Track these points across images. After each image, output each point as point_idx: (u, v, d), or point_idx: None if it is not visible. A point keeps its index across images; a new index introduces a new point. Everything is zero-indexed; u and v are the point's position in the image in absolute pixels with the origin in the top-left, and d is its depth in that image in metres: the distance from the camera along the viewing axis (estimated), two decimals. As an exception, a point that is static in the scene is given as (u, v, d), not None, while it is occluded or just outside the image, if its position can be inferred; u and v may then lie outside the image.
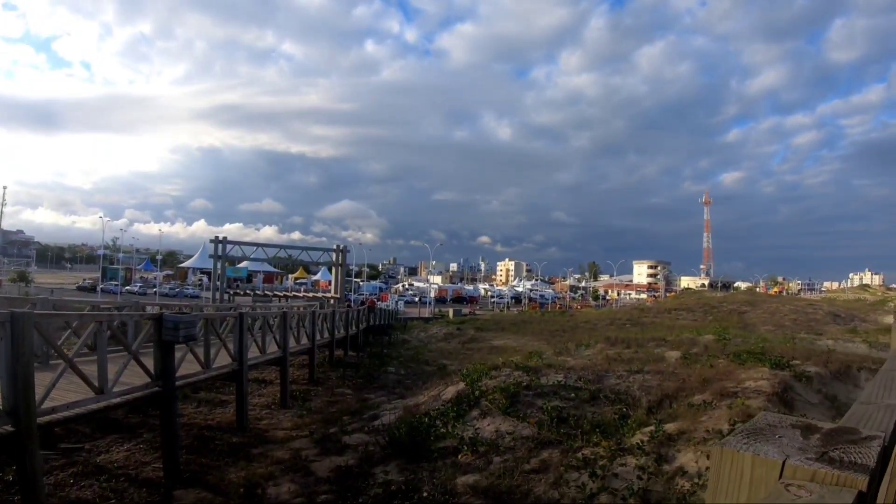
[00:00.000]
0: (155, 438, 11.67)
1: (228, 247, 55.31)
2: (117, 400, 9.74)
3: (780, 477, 1.12)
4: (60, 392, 8.68)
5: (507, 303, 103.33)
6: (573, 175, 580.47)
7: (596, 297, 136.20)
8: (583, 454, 10.52)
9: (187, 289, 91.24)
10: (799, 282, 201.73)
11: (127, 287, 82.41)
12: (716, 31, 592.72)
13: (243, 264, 73.44)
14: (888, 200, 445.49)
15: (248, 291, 62.72)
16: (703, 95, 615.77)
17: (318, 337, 22.80)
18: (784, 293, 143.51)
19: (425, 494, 9.50)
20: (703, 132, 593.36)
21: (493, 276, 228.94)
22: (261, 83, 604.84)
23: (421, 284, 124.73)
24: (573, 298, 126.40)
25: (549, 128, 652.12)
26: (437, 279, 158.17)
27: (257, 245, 62.27)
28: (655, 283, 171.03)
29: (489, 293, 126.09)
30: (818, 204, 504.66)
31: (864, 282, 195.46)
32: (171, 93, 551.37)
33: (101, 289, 76.38)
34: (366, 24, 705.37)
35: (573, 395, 14.64)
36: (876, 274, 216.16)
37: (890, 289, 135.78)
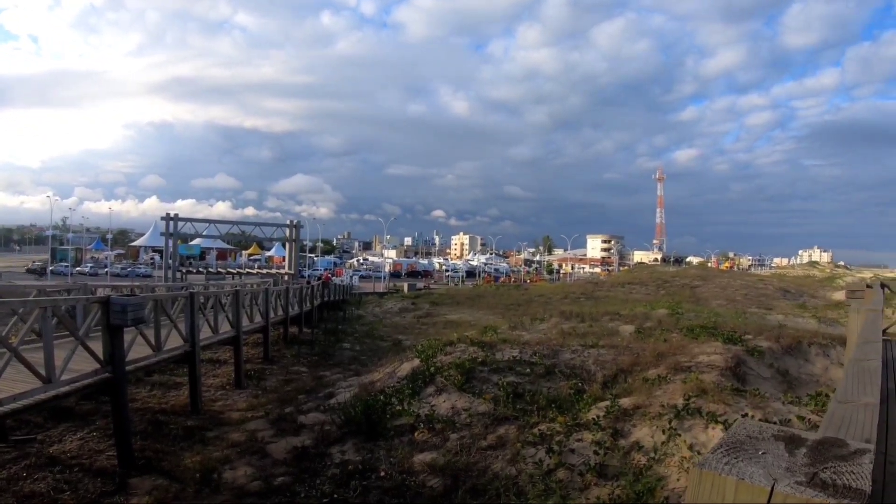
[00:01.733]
0: (108, 426, 11.45)
1: (181, 224, 54.25)
2: (66, 388, 9.52)
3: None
4: (7, 383, 8.45)
5: (462, 277, 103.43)
6: (529, 149, 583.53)
7: (550, 271, 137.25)
8: (539, 430, 10.65)
9: (139, 268, 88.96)
10: (750, 258, 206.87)
11: (78, 268, 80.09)
12: (675, 10, 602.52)
13: (196, 241, 72.49)
14: (838, 181, 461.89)
15: (201, 269, 61.73)
16: (660, 73, 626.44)
17: (272, 314, 22.58)
18: (735, 269, 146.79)
19: (382, 474, 9.55)
20: (658, 109, 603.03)
21: (448, 251, 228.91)
22: (214, 55, 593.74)
23: (375, 259, 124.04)
24: (527, 272, 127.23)
25: (505, 102, 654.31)
26: (392, 254, 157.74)
27: (210, 222, 61.23)
28: (609, 258, 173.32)
29: (444, 267, 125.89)
30: (770, 182, 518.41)
31: (814, 259, 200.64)
32: (123, 66, 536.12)
33: (51, 271, 74.10)
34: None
35: (528, 370, 14.79)
36: (825, 251, 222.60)
37: (838, 266, 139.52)
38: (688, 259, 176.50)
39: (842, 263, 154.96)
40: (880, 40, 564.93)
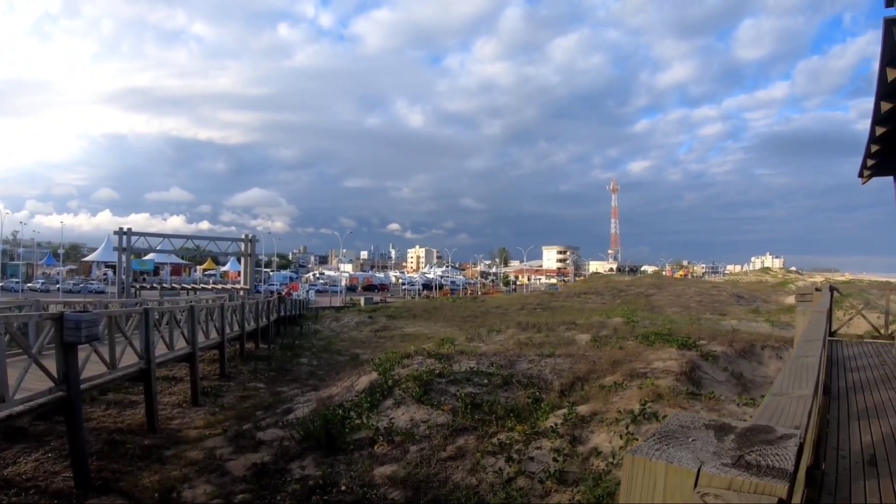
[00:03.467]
0: (63, 446, 11.29)
1: (134, 238, 53.17)
2: (20, 408, 9.37)
3: (696, 485, 1.08)
4: (-41, 404, 8.31)
5: (419, 290, 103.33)
6: (484, 162, 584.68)
7: (506, 283, 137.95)
8: (498, 439, 10.81)
9: (92, 284, 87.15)
10: (703, 265, 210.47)
11: (29, 284, 78.32)
12: (629, 24, 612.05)
13: (150, 256, 70.96)
14: (788, 188, 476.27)
15: (154, 285, 60.77)
16: (614, 86, 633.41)
17: (227, 330, 22.38)
18: (689, 276, 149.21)
19: (343, 488, 9.60)
20: (612, 122, 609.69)
21: (404, 264, 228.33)
22: (169, 65, 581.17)
23: (332, 273, 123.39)
24: (484, 284, 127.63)
25: (461, 115, 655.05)
26: (348, 267, 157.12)
27: (164, 236, 60.13)
28: (565, 268, 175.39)
29: (400, 280, 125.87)
30: (722, 191, 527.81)
31: (766, 265, 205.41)
32: (77, 75, 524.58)
33: (2, 287, 72.39)
34: (280, 6, 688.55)
35: (486, 380, 14.95)
36: (777, 257, 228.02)
37: (790, 271, 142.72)
38: (643, 268, 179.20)
39: (794, 269, 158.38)
40: (829, 54, 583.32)
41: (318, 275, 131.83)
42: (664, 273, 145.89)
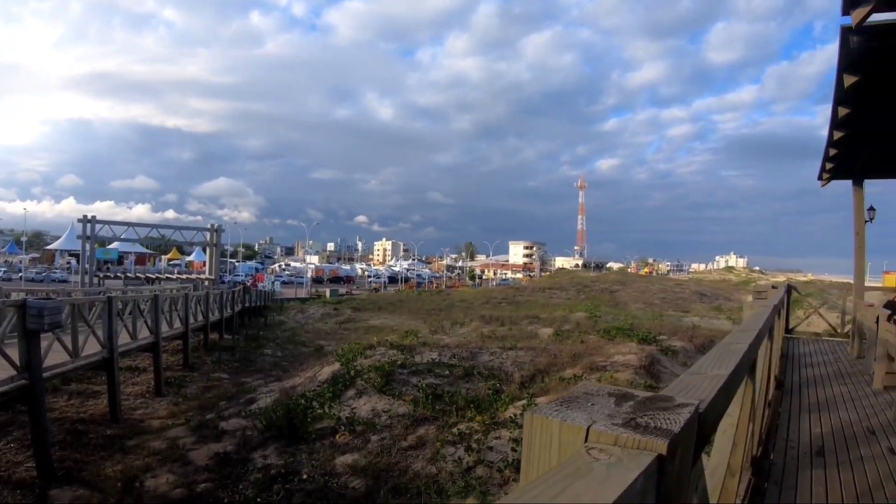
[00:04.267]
0: (25, 436, 11.28)
1: (98, 227, 52.31)
2: (-18, 397, 9.42)
3: (586, 441, 1.14)
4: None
5: (384, 282, 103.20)
6: (453, 156, 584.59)
7: (472, 277, 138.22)
8: (458, 429, 11.04)
9: (55, 272, 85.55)
10: (668, 263, 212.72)
11: (-10, 272, 76.95)
12: (602, 24, 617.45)
13: (114, 245, 70.22)
14: (754, 190, 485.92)
15: (118, 274, 60.12)
16: (585, 85, 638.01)
17: (192, 320, 22.35)
18: (654, 274, 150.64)
19: (305, 477, 9.76)
20: (582, 120, 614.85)
21: (371, 256, 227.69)
22: (138, 50, 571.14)
23: (298, 264, 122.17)
24: (450, 278, 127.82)
25: (431, 109, 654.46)
26: (315, 259, 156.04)
27: (129, 225, 59.12)
28: (531, 263, 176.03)
29: (366, 273, 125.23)
30: (689, 191, 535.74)
31: (730, 264, 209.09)
32: (43, 59, 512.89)
33: (-38, 275, 70.90)
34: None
35: (448, 372, 15.18)
36: (741, 257, 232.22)
37: (753, 271, 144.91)
38: (608, 265, 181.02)
39: (757, 268, 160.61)
40: (798, 60, 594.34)
41: (284, 266, 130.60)
42: (629, 270, 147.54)
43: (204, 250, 68.85)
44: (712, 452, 3.22)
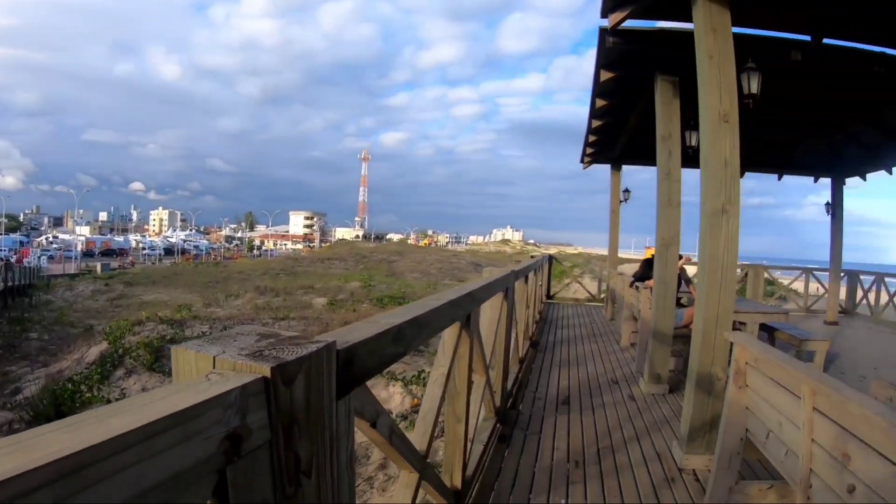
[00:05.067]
0: None
1: None
2: None
3: (213, 369, 1.23)
4: None
5: (160, 255, 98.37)
6: (237, 122, 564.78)
7: (252, 248, 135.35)
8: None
9: None
10: (448, 235, 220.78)
11: None
12: (402, 2, 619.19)
13: None
14: (532, 170, 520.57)
15: None
16: (378, 59, 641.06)
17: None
18: (433, 245, 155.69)
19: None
20: (371, 93, 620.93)
21: (146, 227, 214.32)
22: None
23: (67, 237, 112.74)
24: (228, 249, 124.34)
25: (219, 71, 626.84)
26: (86, 230, 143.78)
27: None
28: (311, 234, 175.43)
29: (141, 245, 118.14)
30: (471, 168, 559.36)
31: (507, 237, 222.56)
32: None
33: None
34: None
35: (219, 344, 15.30)
36: (517, 231, 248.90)
37: (528, 243, 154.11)
38: (388, 236, 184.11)
39: (532, 241, 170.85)
40: (585, 56, 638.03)
41: (51, 238, 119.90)
42: (409, 241, 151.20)
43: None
44: (423, 399, 3.64)
